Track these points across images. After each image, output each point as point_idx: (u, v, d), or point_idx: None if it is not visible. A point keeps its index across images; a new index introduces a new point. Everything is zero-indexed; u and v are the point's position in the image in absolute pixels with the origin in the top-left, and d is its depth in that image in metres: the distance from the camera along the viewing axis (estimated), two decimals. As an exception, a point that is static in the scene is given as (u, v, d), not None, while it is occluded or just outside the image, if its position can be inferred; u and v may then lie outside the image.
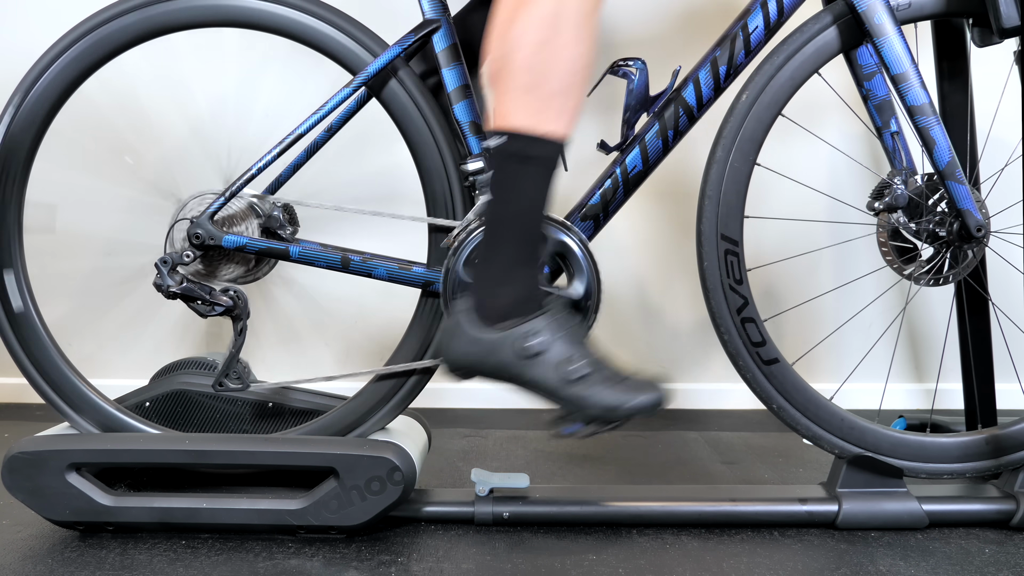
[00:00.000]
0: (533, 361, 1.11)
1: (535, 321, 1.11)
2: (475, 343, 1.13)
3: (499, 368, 1.13)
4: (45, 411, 1.38)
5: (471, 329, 1.13)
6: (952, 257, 1.30)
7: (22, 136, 1.25)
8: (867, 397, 1.72)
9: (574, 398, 1.11)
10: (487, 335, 1.12)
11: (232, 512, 1.20)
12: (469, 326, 1.13)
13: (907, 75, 1.22)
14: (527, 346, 1.10)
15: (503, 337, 1.11)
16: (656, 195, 1.95)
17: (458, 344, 1.14)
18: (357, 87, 1.22)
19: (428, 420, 1.45)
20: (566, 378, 1.10)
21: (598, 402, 1.10)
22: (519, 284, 1.12)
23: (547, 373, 1.11)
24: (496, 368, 1.13)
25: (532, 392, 1.13)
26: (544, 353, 1.11)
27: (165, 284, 1.22)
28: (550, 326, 1.11)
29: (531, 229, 1.12)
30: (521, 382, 1.13)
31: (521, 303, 1.12)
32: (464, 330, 1.13)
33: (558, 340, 1.11)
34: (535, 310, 1.12)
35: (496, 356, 1.12)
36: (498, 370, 1.13)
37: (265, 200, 1.25)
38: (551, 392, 1.12)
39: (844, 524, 1.26)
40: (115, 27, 1.24)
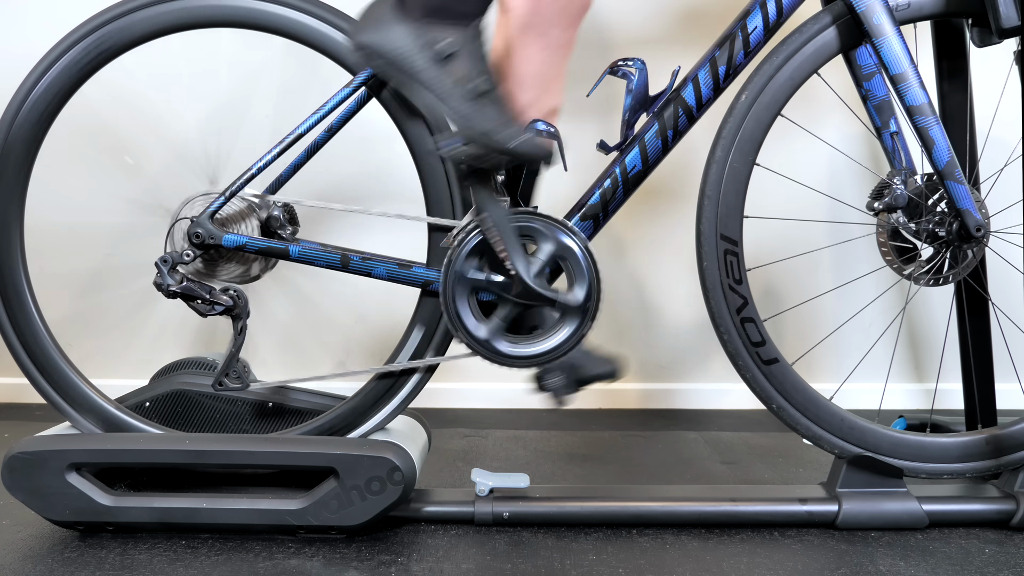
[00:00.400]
0: (438, 63, 1.11)
1: (456, 30, 1.12)
2: (390, 29, 1.13)
3: (402, 57, 1.13)
4: (45, 411, 1.38)
5: (390, 16, 1.13)
6: (952, 257, 1.30)
7: (24, 136, 1.25)
8: (867, 397, 1.72)
9: (462, 110, 1.11)
10: (405, 24, 1.13)
11: (232, 512, 1.20)
12: (391, 13, 1.13)
13: (906, 75, 1.22)
14: (440, 45, 1.11)
15: (419, 29, 1.12)
16: (656, 195, 1.95)
17: (375, 28, 1.14)
18: (357, 87, 1.22)
19: (428, 420, 1.45)
20: (466, 87, 1.11)
21: (486, 121, 1.11)
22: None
23: (444, 79, 1.11)
24: (399, 56, 1.13)
25: (422, 94, 1.13)
26: (450, 59, 1.11)
27: (165, 283, 1.23)
28: (467, 39, 1.12)
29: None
30: (421, 79, 1.13)
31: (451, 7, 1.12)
32: (383, 13, 1.14)
33: (470, 54, 1.12)
34: (458, 19, 1.12)
35: (405, 45, 1.12)
36: (401, 59, 1.13)
37: (265, 200, 1.25)
38: (441, 96, 1.12)
39: (844, 524, 1.26)
40: (116, 28, 1.24)
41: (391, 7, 1.14)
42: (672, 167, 1.47)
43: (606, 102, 1.44)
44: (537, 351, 1.22)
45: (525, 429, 1.85)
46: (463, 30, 1.12)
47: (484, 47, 1.14)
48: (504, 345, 1.22)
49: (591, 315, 1.22)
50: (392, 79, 1.17)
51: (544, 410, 2.01)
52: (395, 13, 1.14)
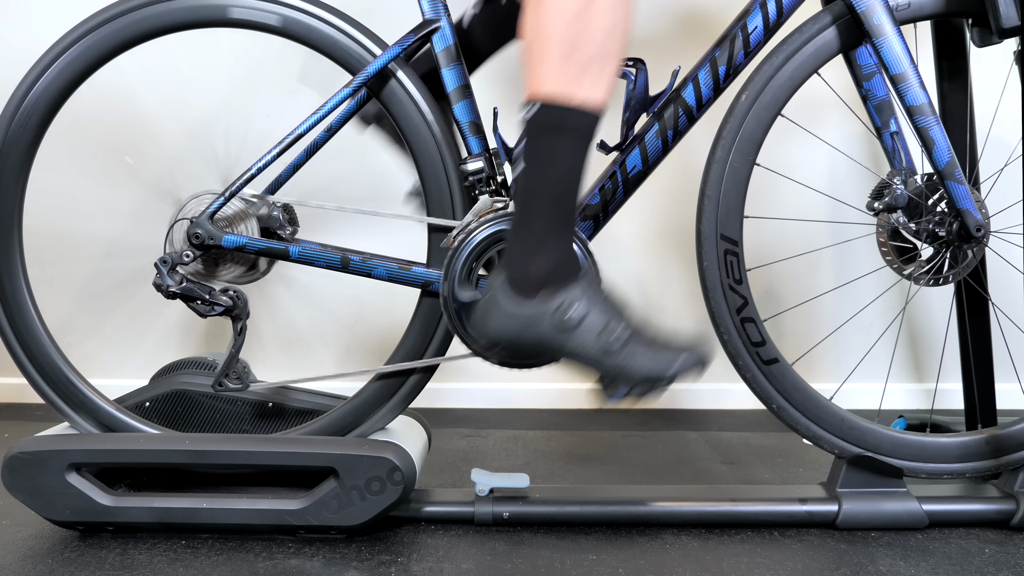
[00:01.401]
0: (573, 332, 1.09)
1: (572, 290, 1.09)
2: (513, 317, 1.10)
3: (537, 342, 1.11)
4: (45, 411, 1.38)
5: (507, 303, 1.10)
6: (952, 257, 1.30)
7: (22, 136, 1.25)
8: (867, 397, 1.72)
9: (616, 367, 1.09)
10: (524, 308, 1.10)
11: (232, 512, 1.20)
12: (505, 300, 1.10)
13: (906, 75, 1.22)
14: (566, 317, 1.08)
15: (541, 309, 1.09)
16: (656, 195, 1.95)
17: (495, 319, 1.11)
18: (357, 87, 1.22)
19: (428, 420, 1.45)
20: (607, 347, 1.08)
21: (640, 369, 1.08)
22: (554, 254, 1.09)
23: (587, 343, 1.09)
24: (535, 342, 1.11)
25: (573, 363, 1.11)
26: (583, 322, 1.08)
27: (165, 284, 1.22)
28: (586, 294, 1.09)
29: (565, 199, 1.09)
30: (561, 355, 1.11)
31: (557, 273, 1.09)
32: (500, 305, 1.11)
33: (596, 308, 1.09)
34: (571, 280, 1.10)
35: (535, 329, 1.10)
36: (536, 344, 1.11)
37: (265, 200, 1.25)
38: (593, 362, 1.09)
39: (844, 524, 1.26)
40: (115, 27, 1.24)
41: (506, 295, 1.11)
42: (672, 167, 1.47)
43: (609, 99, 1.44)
44: None
45: (525, 429, 1.85)
46: (574, 288, 1.09)
47: (604, 291, 1.12)
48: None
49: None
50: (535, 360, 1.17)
51: (544, 410, 2.01)
52: (512, 299, 1.10)
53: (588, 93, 1.05)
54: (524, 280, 1.10)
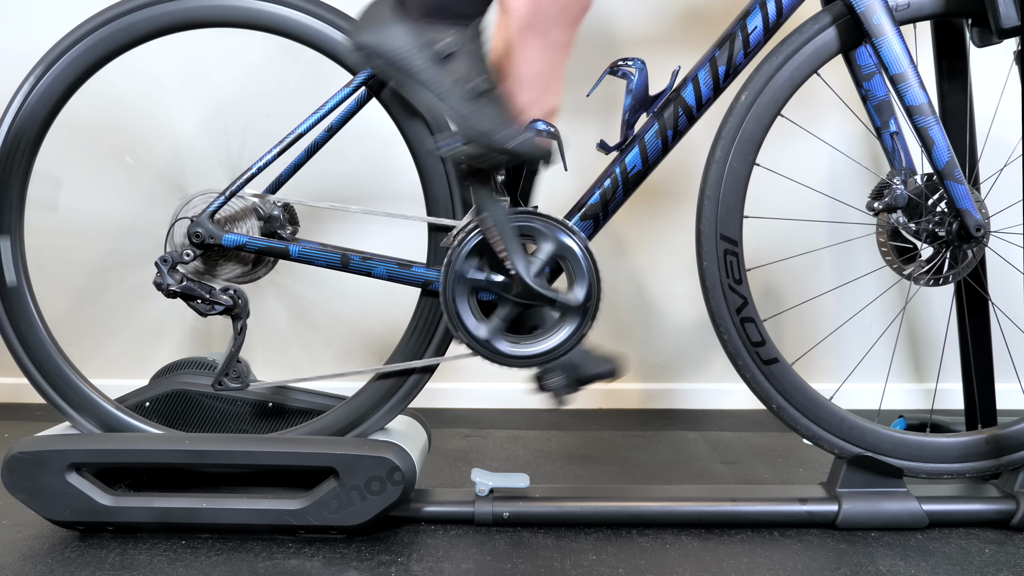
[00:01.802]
0: (438, 63, 1.11)
1: (452, 29, 1.12)
2: (390, 30, 1.13)
3: (401, 57, 1.13)
4: (45, 411, 1.38)
5: (390, 14, 1.14)
6: (952, 257, 1.30)
7: (24, 135, 1.25)
8: (867, 397, 1.72)
9: (461, 109, 1.11)
10: (404, 24, 1.13)
11: (232, 512, 1.20)
12: (390, 12, 1.14)
13: (906, 75, 1.22)
14: (436, 47, 1.11)
15: (419, 29, 1.12)
16: (656, 195, 1.95)
17: (374, 29, 1.14)
18: (357, 87, 1.22)
19: (428, 420, 1.45)
20: (466, 87, 1.11)
21: (486, 121, 1.11)
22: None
23: (443, 79, 1.11)
24: (398, 56, 1.13)
25: (421, 94, 1.13)
26: (449, 59, 1.12)
27: (165, 283, 1.22)
28: (467, 39, 1.12)
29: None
30: (420, 78, 1.13)
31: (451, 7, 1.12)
32: (383, 13, 1.14)
33: (470, 54, 1.12)
34: (457, 19, 1.12)
35: (404, 45, 1.12)
36: (400, 59, 1.13)
37: (265, 199, 1.25)
38: (440, 96, 1.12)
39: (844, 524, 1.26)
40: (117, 27, 1.24)
41: (390, 7, 1.14)
42: (672, 167, 1.47)
43: (606, 102, 1.44)
44: (537, 351, 1.22)
45: (525, 429, 1.85)
46: (463, 30, 1.13)
47: (484, 47, 1.14)
48: (504, 345, 1.22)
49: (591, 315, 1.22)
50: (392, 79, 1.17)
51: (544, 410, 2.00)
52: (394, 13, 1.14)
53: None
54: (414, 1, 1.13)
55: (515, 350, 1.22)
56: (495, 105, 1.12)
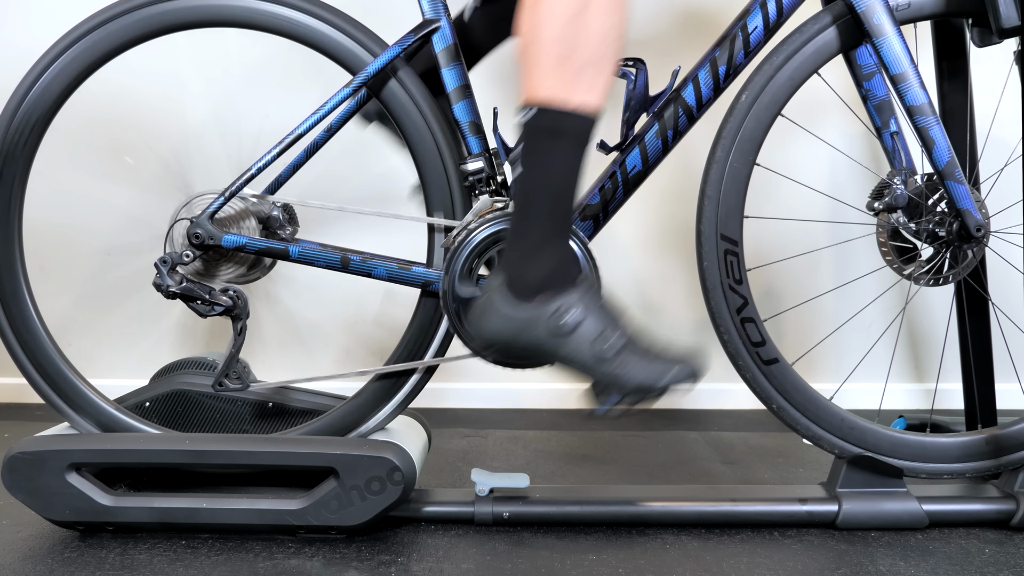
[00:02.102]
0: (567, 337, 1.09)
1: (568, 296, 1.09)
2: (508, 320, 1.10)
3: (532, 345, 1.11)
4: (45, 411, 1.38)
5: (504, 306, 1.11)
6: (952, 257, 1.30)
7: (23, 134, 1.25)
8: (867, 397, 1.72)
9: (609, 375, 1.09)
10: (520, 311, 1.10)
11: (232, 512, 1.20)
12: (502, 302, 1.11)
13: (906, 75, 1.22)
14: (562, 322, 1.08)
15: (537, 313, 1.09)
16: (656, 195, 1.95)
17: (491, 320, 1.12)
18: (357, 87, 1.22)
19: (428, 420, 1.45)
20: (601, 355, 1.09)
21: (633, 378, 1.08)
22: (552, 258, 1.10)
23: (581, 349, 1.09)
24: (529, 345, 1.11)
25: (567, 369, 1.12)
26: (578, 328, 1.09)
27: (165, 284, 1.22)
28: (583, 300, 1.10)
29: (563, 203, 1.09)
30: (555, 359, 1.11)
31: (554, 277, 1.10)
32: (497, 306, 1.11)
33: (592, 315, 1.09)
34: (568, 284, 1.10)
35: (530, 333, 1.10)
36: (531, 347, 1.11)
37: (265, 200, 1.25)
38: (586, 369, 1.10)
39: (844, 524, 1.26)
40: (116, 27, 1.24)
41: (503, 297, 1.11)
42: (672, 167, 1.47)
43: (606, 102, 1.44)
44: None
45: (525, 429, 1.85)
46: (576, 292, 1.10)
47: (601, 298, 1.12)
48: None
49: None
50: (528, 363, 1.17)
51: (544, 410, 2.01)
52: (509, 302, 1.11)
53: (584, 97, 1.05)
54: (521, 283, 1.10)
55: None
56: (633, 354, 1.09)
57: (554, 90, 1.05)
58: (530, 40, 1.06)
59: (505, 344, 1.12)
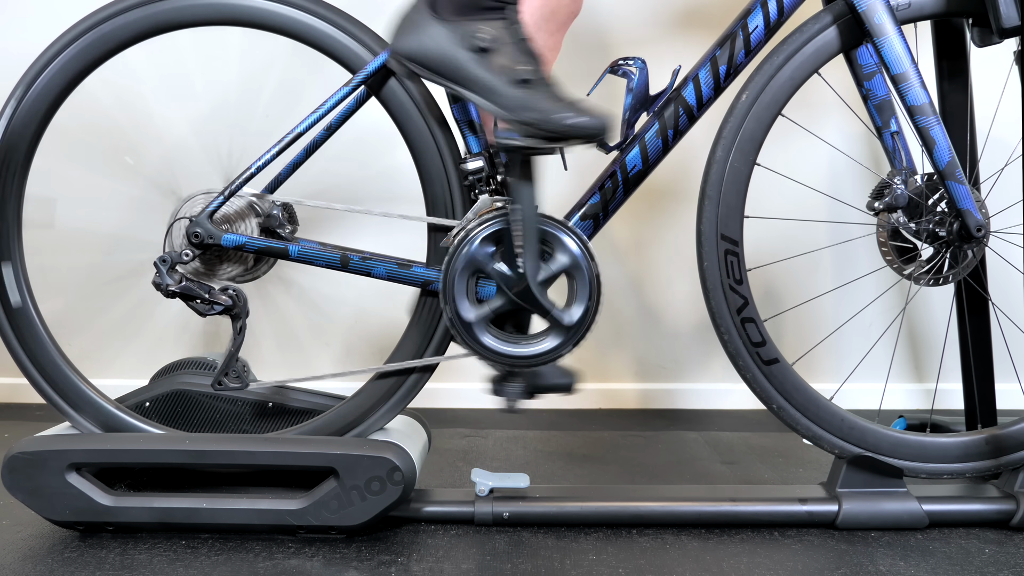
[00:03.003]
0: (481, 56, 1.10)
1: (490, 21, 1.11)
2: (426, 32, 1.13)
3: (445, 59, 1.12)
4: (45, 411, 1.38)
5: (425, 19, 1.13)
6: (952, 257, 1.30)
7: (22, 133, 1.25)
8: (867, 397, 1.72)
9: (513, 99, 1.09)
10: (440, 25, 1.12)
11: (232, 512, 1.20)
12: (423, 16, 1.13)
13: (907, 75, 1.22)
14: (478, 36, 1.10)
15: (454, 27, 1.12)
16: (656, 195, 1.95)
17: (409, 32, 1.14)
18: (356, 86, 1.22)
19: (428, 420, 1.44)
20: (512, 76, 1.09)
21: (536, 106, 1.08)
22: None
23: (490, 71, 1.10)
24: (442, 59, 1.12)
25: (473, 90, 1.12)
26: (494, 51, 1.10)
27: (164, 283, 1.22)
28: (504, 29, 1.11)
29: None
30: (463, 76, 1.12)
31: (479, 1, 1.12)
32: (418, 20, 1.14)
33: (509, 43, 1.11)
34: (492, 10, 1.12)
35: (445, 46, 1.12)
36: (444, 61, 1.12)
37: (264, 199, 1.25)
38: (491, 91, 1.10)
39: (844, 524, 1.26)
40: (116, 24, 1.24)
41: (423, 11, 1.14)
42: (672, 167, 1.47)
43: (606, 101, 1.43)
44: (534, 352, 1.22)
45: (525, 429, 1.85)
46: (499, 20, 1.12)
47: (522, 34, 1.13)
48: (496, 343, 1.21)
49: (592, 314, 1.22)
50: (437, 82, 1.16)
51: (544, 410, 2.00)
52: (429, 16, 1.13)
53: None
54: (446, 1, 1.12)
55: (504, 348, 1.22)
56: (544, 89, 1.10)
57: None
58: None
59: (418, 55, 1.13)
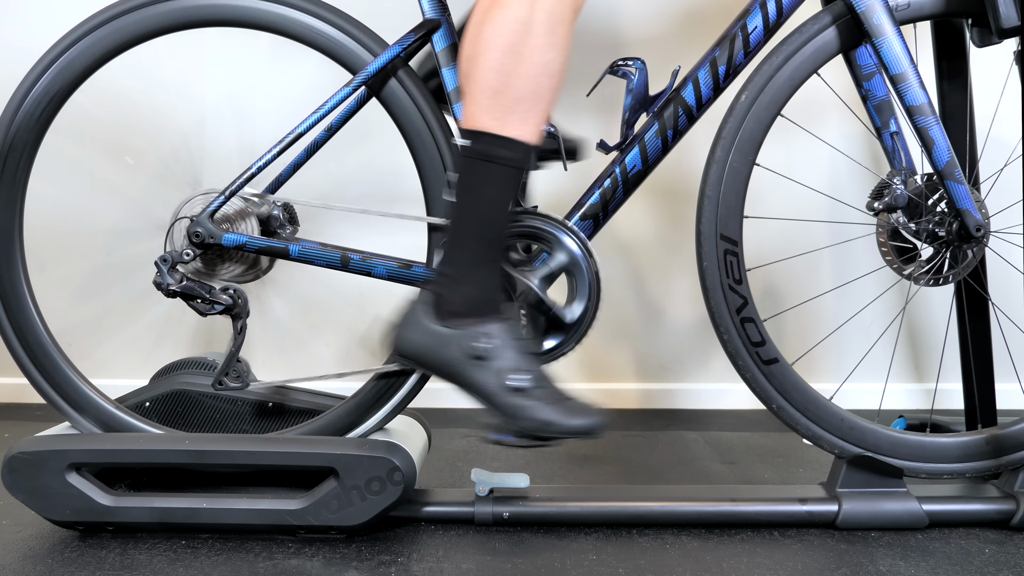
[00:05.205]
0: (478, 364, 1.12)
1: (489, 326, 1.12)
2: (426, 334, 1.14)
3: (444, 364, 1.14)
4: (45, 411, 1.38)
5: (424, 320, 1.14)
6: (952, 257, 1.30)
7: (23, 135, 1.25)
8: (867, 397, 1.72)
9: (510, 408, 1.11)
10: (439, 329, 1.13)
11: (232, 512, 1.20)
12: (424, 317, 1.14)
13: (906, 75, 1.22)
14: (475, 346, 1.11)
15: (453, 334, 1.13)
16: (656, 195, 1.95)
17: (409, 332, 1.15)
18: (357, 87, 1.22)
19: (428, 420, 1.45)
20: (507, 386, 1.11)
21: (532, 416, 1.11)
22: (478, 285, 1.13)
23: (488, 378, 1.12)
24: (441, 363, 1.14)
25: (471, 395, 1.14)
26: (490, 358, 1.11)
27: (165, 282, 1.22)
28: (503, 334, 1.12)
29: (493, 231, 1.13)
30: (462, 381, 1.14)
31: (477, 304, 1.13)
32: (418, 320, 1.15)
33: (508, 349, 1.12)
34: (491, 314, 1.13)
35: (443, 351, 1.13)
36: (442, 365, 1.14)
37: (265, 199, 1.25)
38: (489, 398, 1.12)
39: (844, 524, 1.26)
40: (116, 26, 1.24)
41: (426, 313, 1.15)
42: (672, 167, 1.47)
43: (606, 102, 1.44)
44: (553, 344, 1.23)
45: (525, 429, 1.84)
46: (491, 323, 1.12)
47: (519, 332, 1.15)
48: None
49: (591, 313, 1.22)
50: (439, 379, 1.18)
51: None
52: (431, 319, 1.14)
53: (518, 130, 1.08)
54: (445, 304, 1.13)
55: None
56: (540, 394, 1.12)
57: (488, 120, 1.08)
58: (470, 67, 1.09)
59: (417, 356, 1.16)
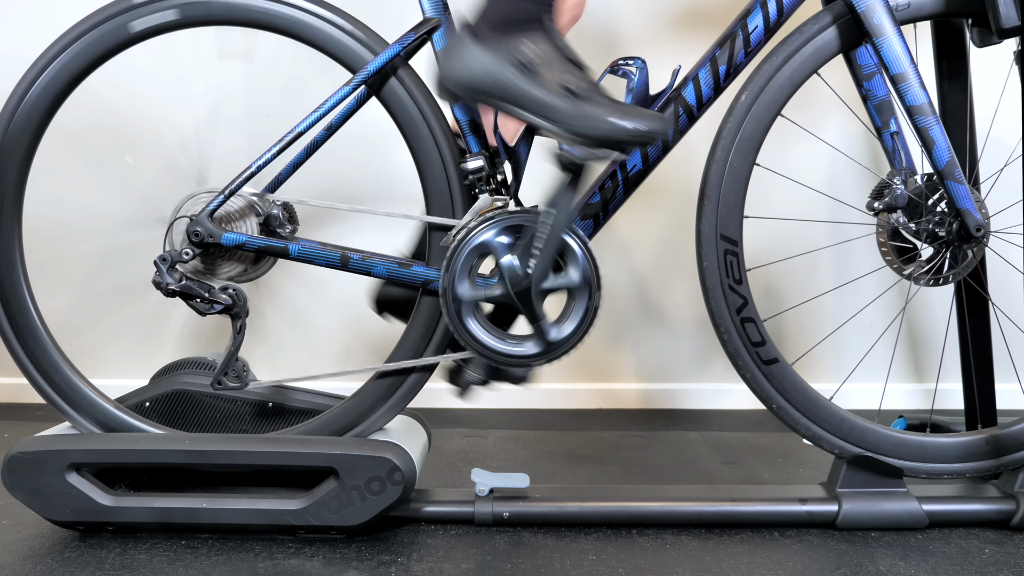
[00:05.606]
0: (530, 75, 1.08)
1: (533, 34, 1.10)
2: (472, 57, 1.11)
3: (493, 80, 1.10)
4: (45, 411, 1.38)
5: (467, 45, 1.12)
6: (952, 257, 1.30)
7: (21, 134, 1.25)
8: (867, 397, 1.72)
9: (574, 114, 1.07)
10: (482, 48, 1.11)
11: (232, 512, 1.20)
12: (465, 43, 1.12)
13: (906, 75, 1.22)
14: (523, 52, 1.08)
15: (499, 47, 1.10)
16: (656, 195, 1.95)
17: (456, 62, 1.12)
18: (357, 86, 1.22)
19: (428, 420, 1.44)
20: (566, 89, 1.07)
21: (598, 118, 1.07)
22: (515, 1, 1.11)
23: (544, 86, 1.08)
24: (491, 80, 1.10)
25: (530, 113, 1.10)
26: (541, 64, 1.08)
27: (164, 282, 1.22)
28: (544, 39, 1.10)
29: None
30: (519, 100, 1.09)
31: (517, 14, 1.10)
32: (460, 48, 1.12)
33: (552, 54, 1.09)
34: (533, 23, 1.10)
35: (494, 71, 1.10)
36: (492, 82, 1.10)
37: (264, 198, 1.25)
38: (550, 110, 1.08)
39: (844, 524, 1.26)
40: (115, 25, 1.24)
41: (464, 39, 1.12)
42: (672, 167, 1.47)
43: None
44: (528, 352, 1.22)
45: (525, 429, 1.85)
46: (536, 32, 1.10)
47: (560, 41, 1.12)
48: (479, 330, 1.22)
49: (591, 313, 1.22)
50: (492, 105, 1.14)
51: (544, 410, 2.01)
52: (470, 42, 1.12)
53: None
54: (484, 24, 1.11)
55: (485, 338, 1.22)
56: (595, 97, 1.08)
57: None
58: None
59: (469, 83, 1.12)
